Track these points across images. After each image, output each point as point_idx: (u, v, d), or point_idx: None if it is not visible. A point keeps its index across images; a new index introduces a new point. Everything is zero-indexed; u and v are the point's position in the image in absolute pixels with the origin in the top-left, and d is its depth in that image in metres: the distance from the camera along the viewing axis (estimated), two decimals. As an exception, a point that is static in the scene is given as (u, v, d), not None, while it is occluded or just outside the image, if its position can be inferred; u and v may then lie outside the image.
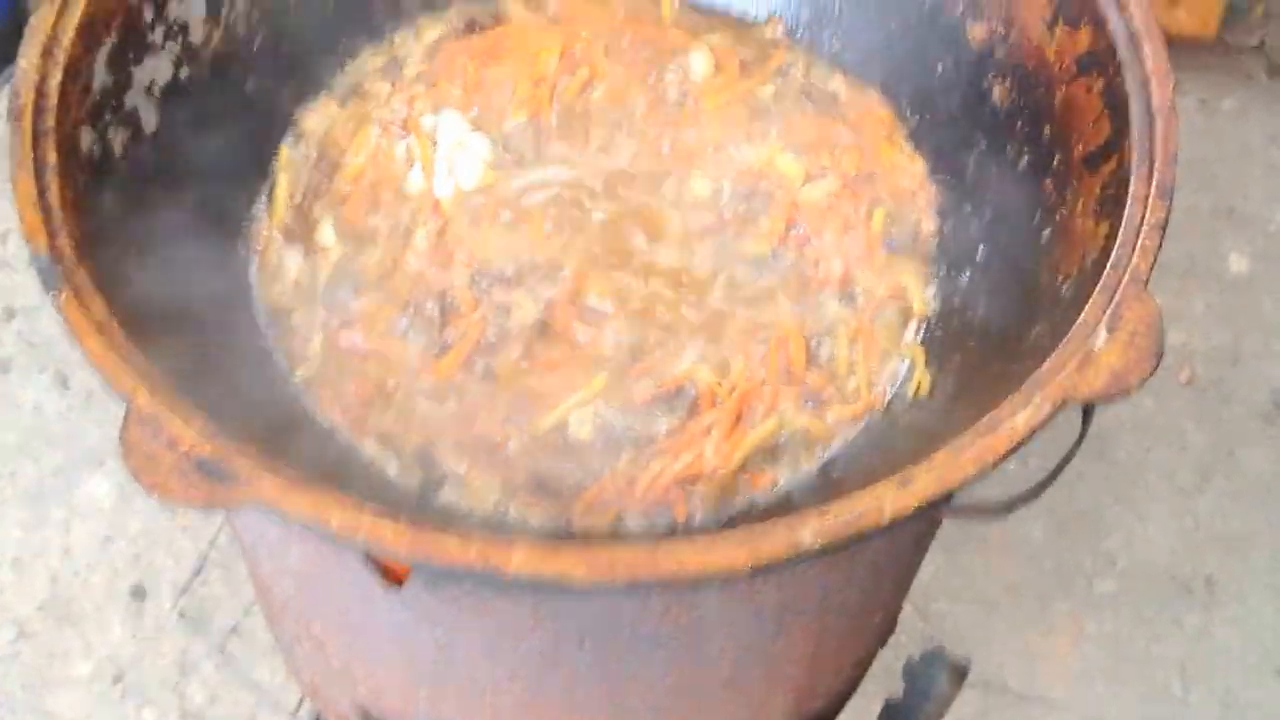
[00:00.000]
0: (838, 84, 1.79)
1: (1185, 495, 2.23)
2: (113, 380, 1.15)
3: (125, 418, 1.12)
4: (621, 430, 1.49)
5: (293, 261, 1.58)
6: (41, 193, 1.26)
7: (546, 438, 1.49)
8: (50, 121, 1.31)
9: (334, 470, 1.39)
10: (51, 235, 1.23)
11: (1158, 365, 1.22)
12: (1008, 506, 1.37)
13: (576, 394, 1.50)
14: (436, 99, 1.72)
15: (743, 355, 1.54)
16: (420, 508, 1.43)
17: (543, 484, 1.46)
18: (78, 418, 2.27)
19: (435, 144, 1.66)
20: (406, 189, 1.64)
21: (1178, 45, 2.67)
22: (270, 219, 1.62)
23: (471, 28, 1.81)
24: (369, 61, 1.76)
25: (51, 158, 1.29)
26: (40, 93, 1.32)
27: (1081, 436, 1.34)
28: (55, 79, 1.33)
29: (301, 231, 1.61)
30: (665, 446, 1.48)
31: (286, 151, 1.66)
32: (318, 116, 1.70)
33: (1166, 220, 1.33)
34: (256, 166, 1.65)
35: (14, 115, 1.29)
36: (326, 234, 1.60)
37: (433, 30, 1.80)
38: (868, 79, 1.79)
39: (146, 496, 1.10)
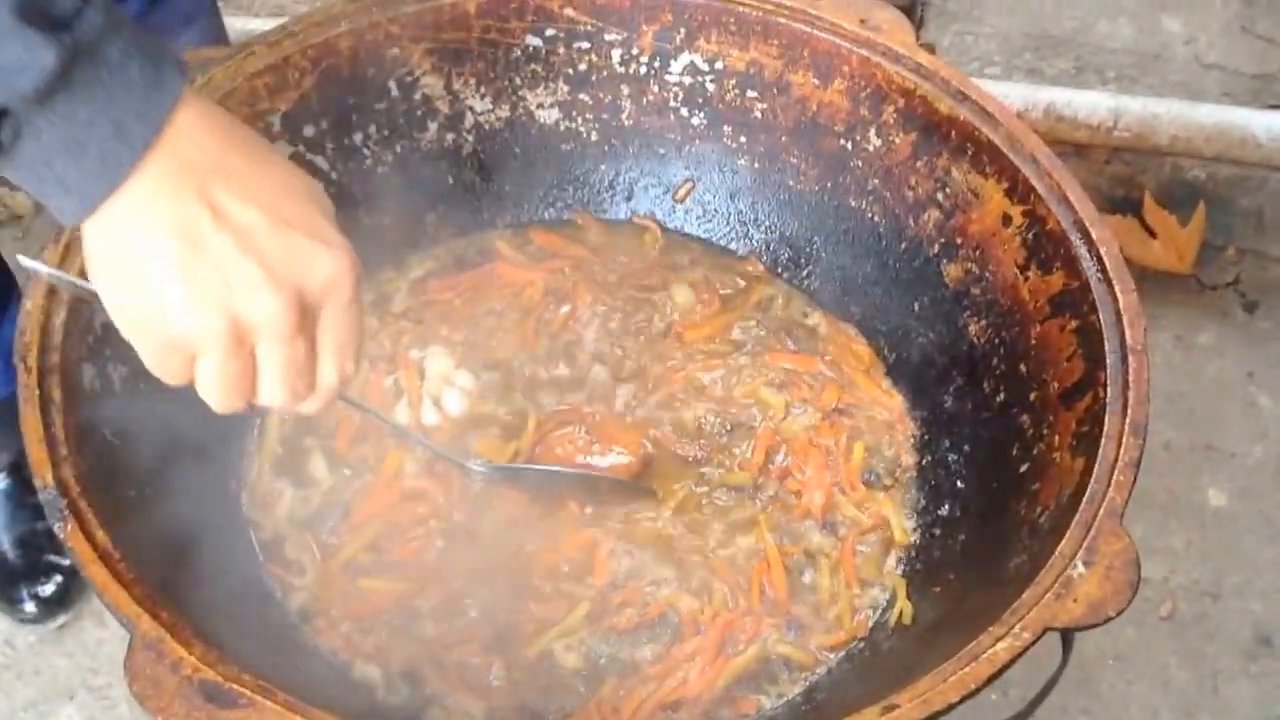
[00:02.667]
0: (817, 319, 1.90)
1: (1172, 734, 2.30)
2: (117, 607, 1.23)
3: (130, 644, 1.20)
4: (606, 657, 1.56)
5: (284, 493, 1.67)
6: (47, 427, 1.35)
7: (532, 664, 1.56)
8: (55, 359, 1.41)
9: (328, 692, 1.45)
10: (56, 467, 1.32)
11: (1134, 596, 1.31)
12: (992, 735, 1.43)
13: (562, 621, 1.58)
14: (423, 334, 1.82)
15: (725, 583, 1.62)
16: (408, 733, 1.50)
17: (528, 710, 1.52)
18: (49, 651, 2.32)
19: (422, 377, 1.76)
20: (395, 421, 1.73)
21: (1154, 281, 2.85)
22: (260, 452, 1.71)
23: (460, 265, 1.93)
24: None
25: (56, 394, 1.39)
26: (45, 332, 1.42)
27: (1062, 665, 1.40)
28: (59, 318, 1.44)
29: (292, 463, 1.70)
30: (650, 673, 1.55)
31: (277, 384, 1.75)
32: (308, 350, 1.79)
33: (1140, 457, 1.42)
34: (249, 399, 1.74)
35: (20, 354, 1.39)
36: (318, 466, 1.69)
37: (420, 267, 1.91)
38: (846, 315, 1.90)
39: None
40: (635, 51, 1.88)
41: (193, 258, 1.06)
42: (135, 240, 1.06)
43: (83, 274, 1.16)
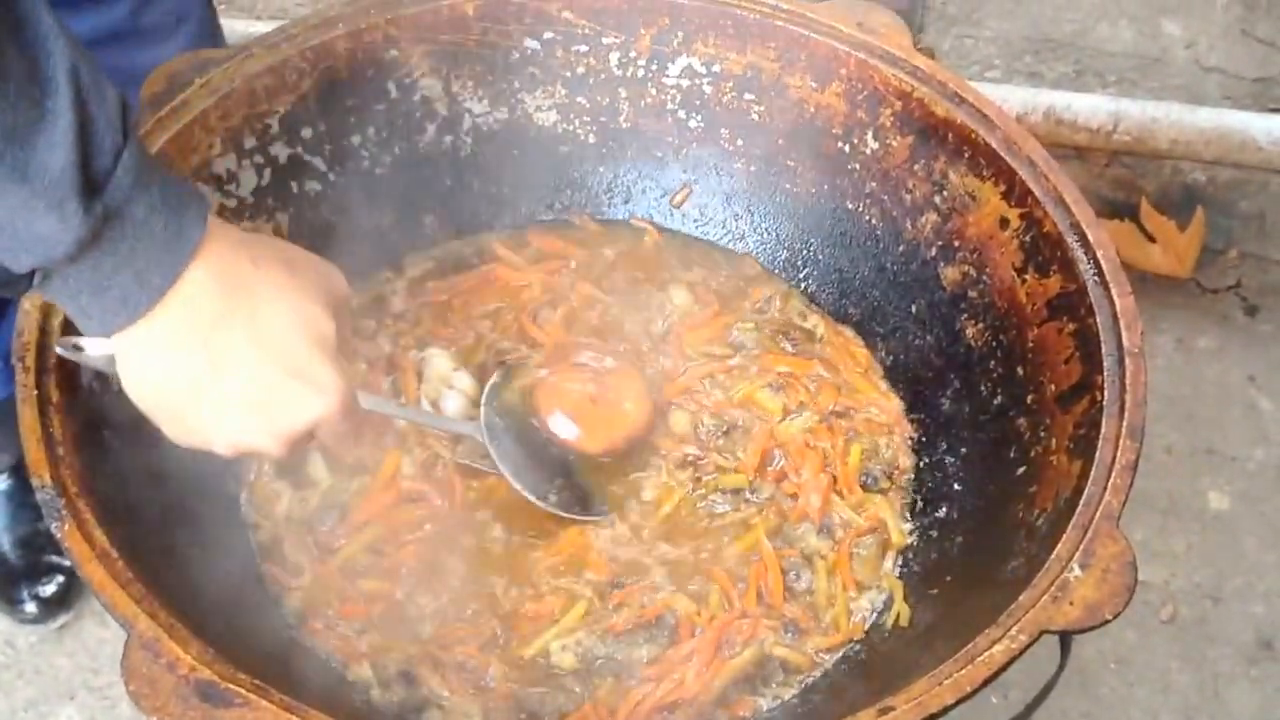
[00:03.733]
0: (815, 322, 1.91)
1: (1172, 738, 2.30)
2: (114, 607, 1.24)
3: (126, 643, 1.21)
4: (603, 658, 1.57)
5: (283, 493, 1.67)
6: (45, 427, 1.35)
7: (528, 664, 1.56)
8: (53, 359, 1.41)
9: (323, 691, 1.46)
10: (54, 467, 1.33)
11: (1130, 599, 1.31)
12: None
13: (559, 622, 1.58)
14: (421, 335, 1.83)
15: (721, 585, 1.63)
16: (404, 732, 1.51)
17: (524, 710, 1.53)
18: (50, 651, 2.33)
19: (421, 379, 1.77)
20: (393, 423, 1.73)
21: (1154, 284, 2.85)
22: (259, 452, 1.71)
23: (458, 266, 1.93)
24: (355, 298, 1.84)
25: (54, 395, 1.39)
26: (43, 331, 1.42)
27: (1061, 668, 1.40)
28: (57, 319, 1.43)
29: (291, 464, 1.70)
30: (646, 674, 1.56)
31: (276, 385, 1.76)
32: (305, 352, 1.80)
33: (1137, 460, 1.42)
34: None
35: (18, 354, 1.40)
36: (316, 467, 1.70)
37: (418, 268, 1.92)
38: (844, 317, 1.91)
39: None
40: (633, 54, 1.89)
41: (196, 407, 1.24)
42: (151, 373, 1.23)
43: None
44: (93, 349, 1.31)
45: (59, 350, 1.38)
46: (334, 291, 1.34)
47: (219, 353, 1.21)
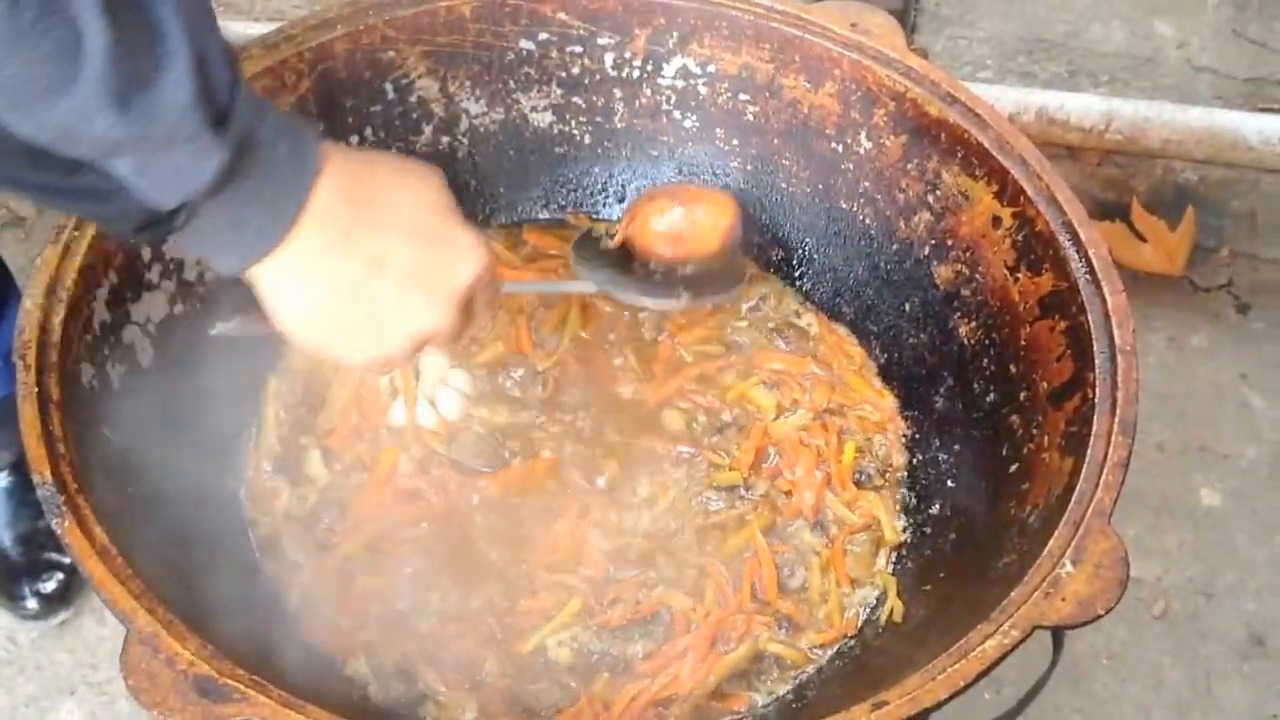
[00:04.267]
0: (809, 320, 1.92)
1: (1165, 734, 2.30)
2: (114, 602, 1.24)
3: (125, 638, 1.21)
4: (598, 653, 1.58)
5: (281, 490, 1.68)
6: (45, 425, 1.36)
7: (524, 660, 1.57)
8: (53, 357, 1.42)
9: (321, 687, 1.46)
10: (54, 464, 1.33)
11: (1122, 595, 1.32)
12: (983, 732, 1.44)
13: (554, 618, 1.59)
14: (418, 334, 1.83)
15: (716, 581, 1.63)
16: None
17: (520, 705, 1.54)
18: (50, 647, 2.33)
19: (418, 378, 1.77)
20: (391, 422, 1.74)
21: (1146, 282, 2.85)
22: (258, 450, 1.72)
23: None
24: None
25: (55, 392, 1.40)
26: (44, 330, 1.43)
27: (1053, 663, 1.41)
28: (58, 316, 1.45)
29: (289, 461, 1.71)
30: (641, 670, 1.56)
31: (274, 384, 1.77)
32: (304, 351, 1.79)
33: (1129, 457, 1.42)
34: (246, 398, 1.75)
35: (19, 352, 1.40)
36: (315, 465, 1.70)
37: (415, 268, 1.91)
38: (838, 316, 1.92)
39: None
40: (628, 55, 1.89)
41: (366, 308, 1.26)
42: (305, 294, 1.24)
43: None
44: (247, 324, 1.39)
45: (216, 330, 1.46)
46: (433, 174, 1.37)
47: (365, 251, 1.24)
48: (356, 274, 1.24)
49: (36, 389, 1.38)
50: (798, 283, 1.94)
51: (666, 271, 1.79)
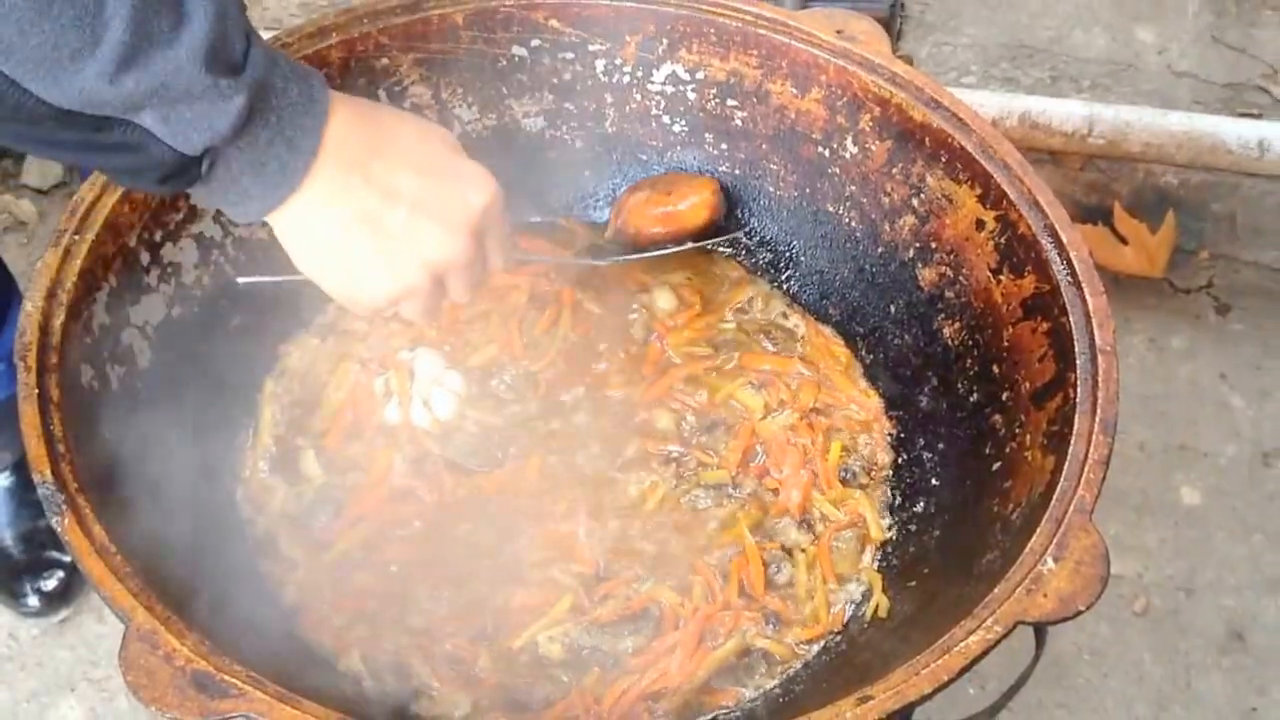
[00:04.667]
0: (796, 321, 1.92)
1: (1146, 726, 2.31)
2: (113, 600, 1.24)
3: (124, 635, 1.21)
4: (589, 649, 1.57)
5: (278, 489, 1.68)
6: (46, 425, 1.36)
7: (516, 655, 1.57)
8: (54, 359, 1.43)
9: (317, 682, 1.46)
10: (54, 464, 1.33)
11: (1103, 591, 1.32)
12: (967, 725, 1.44)
13: (545, 614, 1.59)
14: (412, 336, 1.83)
15: (704, 578, 1.63)
16: (395, 720, 1.52)
17: (512, 699, 1.53)
18: (51, 644, 2.34)
19: (412, 378, 1.77)
20: (385, 421, 1.75)
21: (1128, 285, 2.86)
22: (254, 450, 1.73)
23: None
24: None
25: (55, 393, 1.40)
26: (44, 332, 1.44)
27: (1035, 659, 1.41)
28: (58, 319, 1.45)
29: (285, 461, 1.72)
30: (631, 665, 1.56)
31: (270, 385, 1.78)
32: (300, 352, 1.81)
33: (1109, 455, 1.43)
34: (242, 399, 1.76)
35: (20, 354, 1.41)
36: (310, 464, 1.70)
37: (409, 270, 1.92)
38: (825, 317, 1.92)
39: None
40: (618, 61, 1.90)
41: (383, 239, 1.30)
42: (325, 231, 1.28)
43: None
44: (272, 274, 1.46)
45: (242, 281, 1.56)
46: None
47: (378, 183, 1.28)
48: (370, 205, 1.28)
49: (37, 390, 1.39)
50: (785, 285, 1.95)
51: (659, 248, 1.89)
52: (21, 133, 1.13)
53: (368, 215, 1.28)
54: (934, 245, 1.78)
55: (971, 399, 1.71)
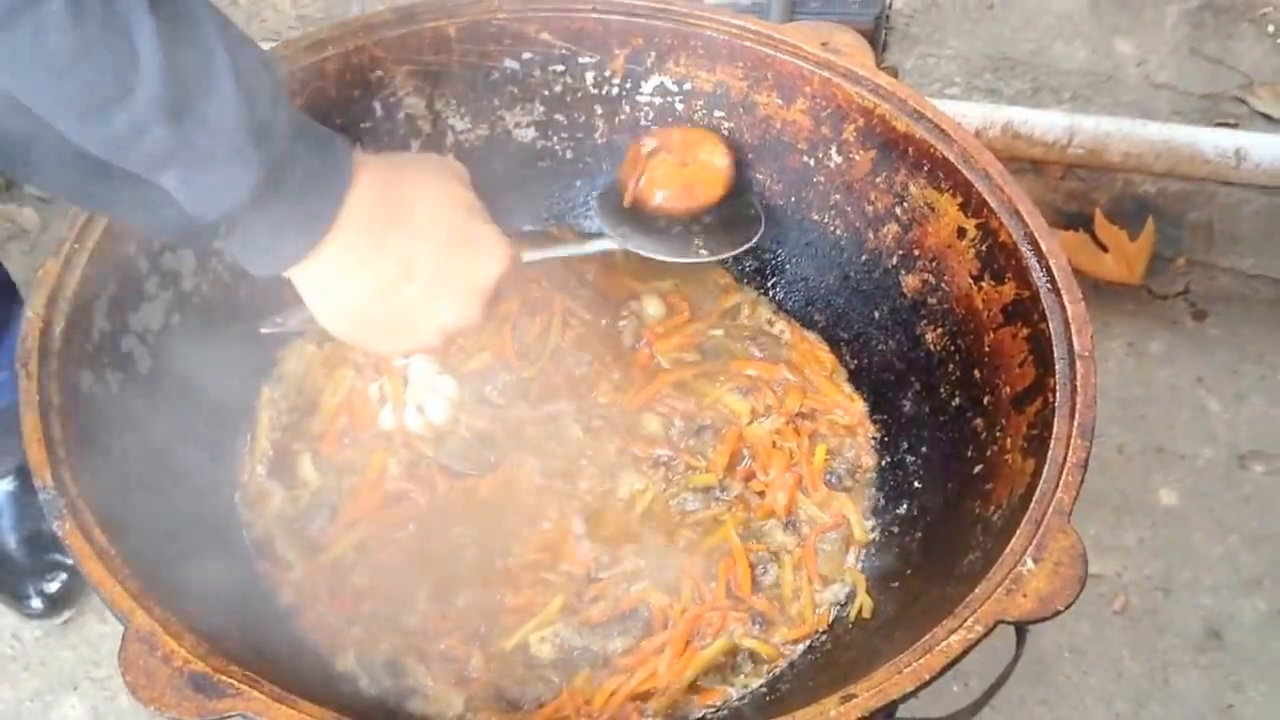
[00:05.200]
0: (782, 327, 1.92)
1: (1124, 722, 2.31)
2: (112, 602, 1.24)
3: (124, 637, 1.21)
4: (579, 649, 1.58)
5: (275, 493, 1.68)
6: (46, 430, 1.37)
7: (509, 655, 1.57)
8: (55, 365, 1.43)
9: (313, 682, 1.47)
10: (55, 468, 1.34)
11: (1081, 591, 1.32)
12: (949, 721, 1.45)
13: (537, 615, 1.59)
14: (407, 342, 1.83)
15: (692, 579, 1.63)
16: (390, 719, 1.52)
17: (504, 699, 1.54)
18: (54, 644, 2.34)
19: (406, 383, 1.77)
20: (380, 426, 1.75)
21: (1106, 291, 2.87)
22: (252, 454, 1.73)
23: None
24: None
25: (56, 398, 1.40)
26: (46, 338, 1.44)
27: (1016, 657, 1.42)
28: (59, 326, 1.45)
29: (282, 465, 1.72)
30: (621, 665, 1.57)
31: (267, 391, 1.78)
32: (296, 358, 1.81)
33: (1087, 458, 1.43)
34: (240, 404, 1.76)
35: (22, 360, 1.41)
36: (307, 468, 1.71)
37: (404, 277, 1.92)
38: (810, 323, 1.92)
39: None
40: (608, 73, 1.90)
41: (400, 311, 1.34)
42: (342, 296, 1.32)
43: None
44: (291, 321, 1.48)
45: (265, 330, 1.56)
46: (460, 172, 1.46)
47: (395, 255, 1.31)
48: (388, 278, 1.31)
49: (38, 396, 1.39)
50: (771, 292, 1.95)
51: (683, 226, 1.81)
52: (56, 178, 1.19)
53: (383, 289, 1.31)
54: (917, 253, 1.78)
55: (953, 403, 1.72)
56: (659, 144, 1.83)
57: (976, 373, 1.68)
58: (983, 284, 1.68)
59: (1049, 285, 1.58)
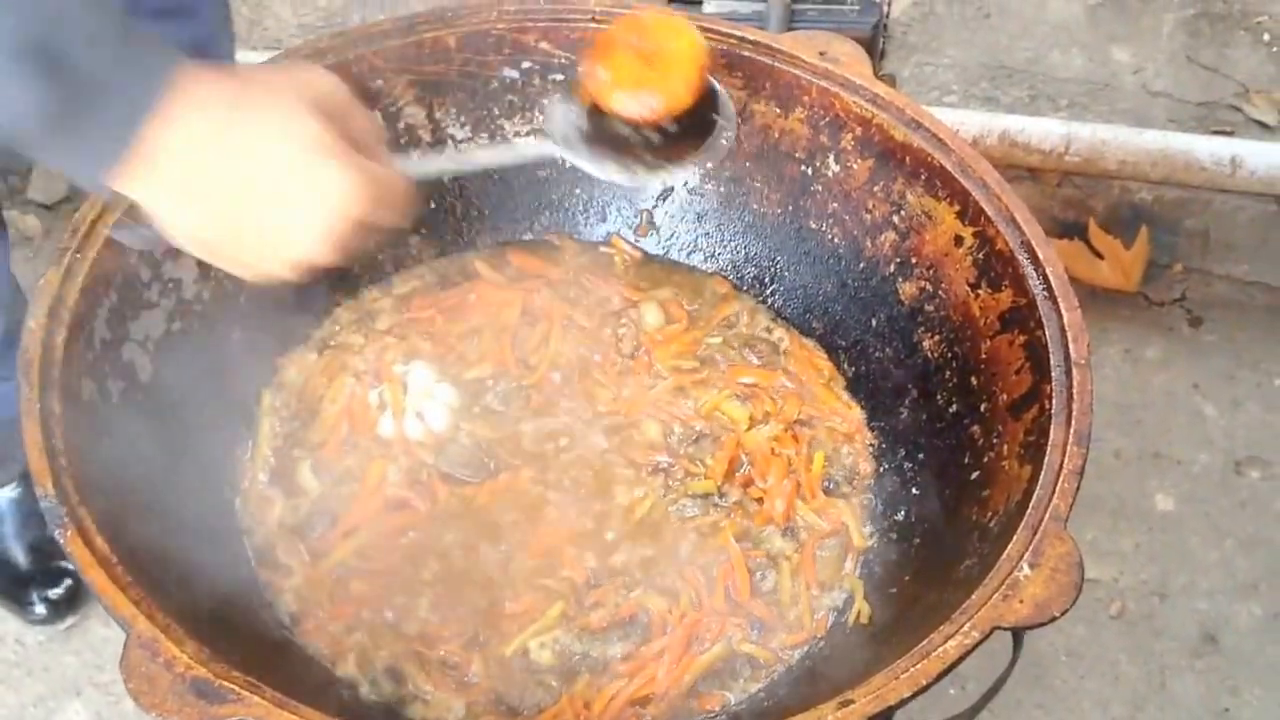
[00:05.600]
0: (780, 335, 1.92)
1: (1121, 726, 2.32)
2: (114, 609, 1.24)
3: (126, 643, 1.21)
4: (579, 655, 1.58)
5: (275, 500, 1.68)
6: (48, 439, 1.36)
7: (508, 662, 1.57)
8: (56, 374, 1.42)
9: (314, 688, 1.47)
10: (57, 477, 1.34)
11: (1077, 597, 1.32)
12: (947, 726, 1.45)
13: (537, 621, 1.59)
14: (407, 350, 1.84)
15: (691, 585, 1.63)
16: (389, 726, 1.52)
17: (504, 704, 1.54)
18: (57, 650, 2.34)
19: (406, 390, 1.78)
20: (380, 433, 1.75)
21: (1103, 298, 2.87)
22: (252, 462, 1.72)
23: (443, 284, 1.94)
24: (344, 314, 1.89)
25: (56, 407, 1.40)
26: (47, 347, 1.44)
27: (1013, 662, 1.42)
28: (60, 335, 1.45)
29: (283, 473, 1.72)
30: (620, 670, 1.57)
31: (268, 398, 1.78)
32: (297, 366, 1.82)
33: (1083, 465, 1.43)
34: (241, 411, 1.76)
35: (23, 369, 1.41)
36: (306, 476, 1.70)
37: (404, 285, 1.93)
38: (808, 331, 1.92)
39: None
40: (607, 82, 1.89)
41: (241, 239, 1.23)
42: (178, 218, 1.21)
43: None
44: (133, 236, 1.39)
45: (113, 235, 1.47)
46: (319, 93, 1.29)
47: (228, 184, 1.20)
48: (217, 208, 1.20)
49: (39, 404, 1.39)
50: (769, 299, 1.95)
51: (644, 137, 1.51)
52: None
53: (216, 216, 1.21)
54: (914, 261, 1.78)
55: (951, 410, 1.72)
56: (625, 30, 1.53)
57: (973, 380, 1.68)
58: (980, 291, 1.68)
59: (1045, 293, 1.58)
